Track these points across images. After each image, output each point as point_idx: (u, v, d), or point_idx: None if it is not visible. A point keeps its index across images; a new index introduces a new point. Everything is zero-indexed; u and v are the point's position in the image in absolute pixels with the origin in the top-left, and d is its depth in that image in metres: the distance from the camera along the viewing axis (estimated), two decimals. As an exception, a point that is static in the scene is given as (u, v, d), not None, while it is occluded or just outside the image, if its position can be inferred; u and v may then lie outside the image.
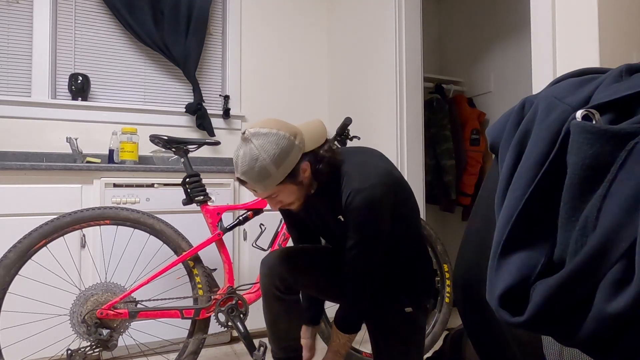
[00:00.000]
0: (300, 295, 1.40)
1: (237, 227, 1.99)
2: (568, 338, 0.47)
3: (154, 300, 1.60)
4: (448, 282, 1.92)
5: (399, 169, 2.21)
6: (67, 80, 2.35)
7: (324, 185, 1.22)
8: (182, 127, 2.60)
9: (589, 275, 0.44)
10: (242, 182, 1.16)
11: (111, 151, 2.28)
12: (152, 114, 2.52)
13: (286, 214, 1.49)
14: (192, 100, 2.59)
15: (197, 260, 1.63)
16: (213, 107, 2.71)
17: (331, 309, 1.96)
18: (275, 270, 1.28)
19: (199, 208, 1.66)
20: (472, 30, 3.05)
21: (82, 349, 1.45)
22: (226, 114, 2.67)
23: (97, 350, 1.47)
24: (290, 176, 1.14)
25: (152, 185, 1.94)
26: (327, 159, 1.19)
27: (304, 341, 1.48)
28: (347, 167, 1.21)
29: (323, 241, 1.72)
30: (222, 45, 2.79)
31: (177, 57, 2.51)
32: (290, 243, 2.13)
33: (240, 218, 1.67)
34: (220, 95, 2.75)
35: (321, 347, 1.77)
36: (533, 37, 1.46)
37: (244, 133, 1.13)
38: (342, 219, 1.24)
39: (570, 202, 0.48)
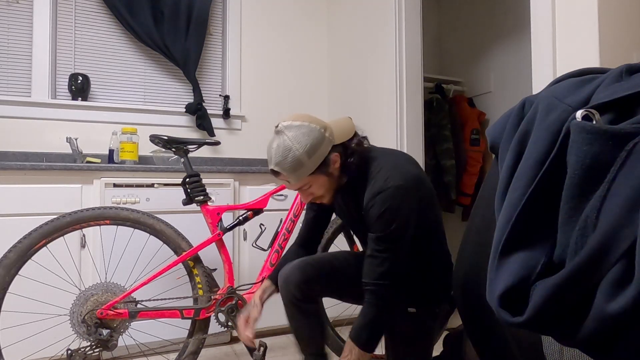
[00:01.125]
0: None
1: (237, 227, 1.99)
2: (568, 338, 0.47)
3: (154, 300, 1.60)
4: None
5: (399, 169, 2.21)
6: (67, 80, 2.35)
7: (353, 179, 1.24)
8: (182, 127, 2.60)
9: (589, 275, 0.44)
10: (275, 174, 1.20)
11: (111, 151, 2.28)
12: (152, 114, 2.52)
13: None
14: (192, 100, 2.59)
15: (197, 260, 1.63)
16: (213, 107, 2.71)
17: (332, 308, 1.96)
18: (293, 280, 1.30)
19: (199, 208, 1.66)
20: (472, 30, 3.05)
21: (82, 349, 1.45)
22: (226, 114, 2.67)
23: (97, 350, 1.47)
24: (321, 167, 1.17)
25: (152, 185, 1.94)
26: (358, 152, 1.22)
27: (257, 298, 1.42)
28: (377, 165, 1.21)
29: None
30: (222, 45, 2.79)
31: (177, 57, 2.51)
32: (290, 243, 2.13)
33: (240, 218, 1.67)
34: (220, 95, 2.76)
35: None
36: (533, 37, 1.46)
37: (277, 126, 1.18)
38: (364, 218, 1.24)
39: (570, 202, 0.48)
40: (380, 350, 1.29)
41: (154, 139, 1.64)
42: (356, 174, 1.23)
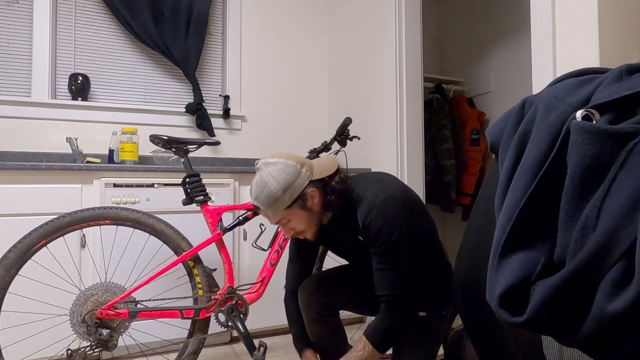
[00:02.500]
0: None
1: (237, 227, 1.99)
2: (568, 338, 0.47)
3: (154, 300, 1.60)
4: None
5: (399, 169, 2.21)
6: (67, 80, 2.35)
7: (342, 212, 1.27)
8: (182, 127, 2.60)
9: (589, 276, 0.44)
10: (256, 208, 1.25)
11: (111, 151, 2.28)
12: (152, 114, 2.52)
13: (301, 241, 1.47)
14: (192, 100, 2.59)
15: (197, 260, 1.63)
16: (213, 107, 2.71)
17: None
18: (313, 297, 1.37)
19: (199, 208, 1.66)
20: (472, 30, 3.05)
21: (82, 349, 1.44)
22: (226, 114, 2.67)
23: (97, 350, 1.47)
24: (297, 201, 1.20)
25: (152, 185, 1.94)
26: (339, 190, 1.24)
27: None
28: (359, 190, 1.25)
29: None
30: (222, 45, 2.79)
31: (177, 57, 2.51)
32: (290, 243, 2.13)
33: (240, 218, 1.67)
34: (220, 95, 2.76)
35: None
36: (533, 37, 1.46)
37: (256, 164, 1.24)
38: (362, 239, 1.27)
39: (570, 202, 0.48)
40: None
41: (154, 139, 1.64)
42: (338, 211, 1.26)
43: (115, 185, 1.87)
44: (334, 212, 1.26)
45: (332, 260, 1.88)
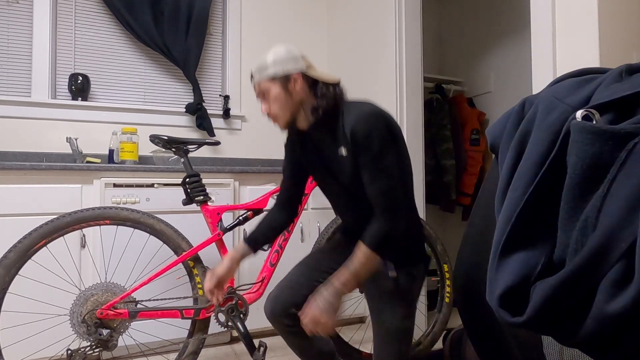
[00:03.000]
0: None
1: (237, 227, 1.98)
2: (568, 338, 0.47)
3: (154, 300, 1.60)
4: (448, 282, 1.92)
5: (399, 169, 2.21)
6: (67, 80, 2.35)
7: (322, 121, 1.27)
8: (182, 127, 2.60)
9: (589, 276, 0.44)
10: (251, 77, 1.32)
11: (111, 151, 2.28)
12: (152, 114, 2.52)
13: (286, 150, 1.47)
14: (192, 100, 2.59)
15: (197, 260, 1.63)
16: (213, 107, 2.71)
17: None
18: (277, 311, 1.33)
19: (199, 208, 1.66)
20: (472, 30, 3.05)
21: (82, 349, 1.45)
22: (226, 114, 2.67)
23: (97, 350, 1.47)
24: (282, 78, 1.25)
25: (152, 185, 1.94)
26: (329, 97, 1.26)
27: (229, 256, 1.43)
28: (348, 103, 1.27)
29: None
30: (222, 45, 2.79)
31: (177, 57, 2.51)
32: (289, 243, 2.13)
33: (240, 218, 1.67)
34: (220, 95, 2.76)
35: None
36: (533, 37, 1.46)
37: None
38: (344, 154, 1.24)
39: (570, 202, 0.48)
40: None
41: (154, 139, 1.64)
42: (323, 116, 1.26)
43: (115, 185, 1.87)
44: (317, 116, 1.26)
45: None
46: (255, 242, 1.44)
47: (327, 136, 1.29)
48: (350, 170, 1.24)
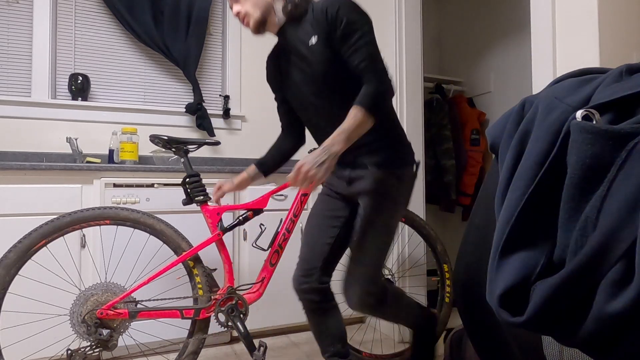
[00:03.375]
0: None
1: (237, 227, 1.98)
2: (568, 338, 0.47)
3: (154, 300, 1.60)
4: (448, 282, 1.92)
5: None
6: (67, 80, 2.35)
7: (293, 17, 1.29)
8: (182, 127, 2.60)
9: (589, 276, 0.44)
10: None
11: (111, 151, 2.28)
12: (152, 114, 2.52)
13: (268, 76, 1.52)
14: (192, 100, 2.59)
15: (197, 260, 1.63)
16: (213, 107, 2.71)
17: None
18: (305, 288, 1.41)
19: (199, 208, 1.66)
20: (472, 30, 3.05)
21: (82, 349, 1.45)
22: (226, 114, 2.67)
23: (97, 350, 1.47)
24: None
25: (152, 185, 1.94)
26: (302, 3, 1.28)
27: (239, 176, 1.54)
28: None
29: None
30: (222, 45, 2.79)
31: (177, 57, 2.51)
32: (289, 243, 2.13)
33: (240, 218, 1.67)
34: (220, 95, 2.76)
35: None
36: (533, 37, 1.46)
37: None
38: (315, 41, 1.25)
39: (570, 202, 0.48)
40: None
41: (154, 139, 1.64)
42: (294, 15, 1.28)
43: (115, 185, 1.87)
44: (290, 12, 1.28)
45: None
46: (265, 166, 1.52)
47: (298, 31, 1.30)
48: (323, 58, 1.24)
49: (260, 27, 1.32)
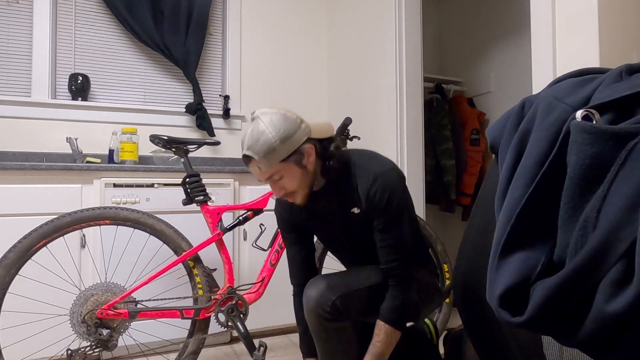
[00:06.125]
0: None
1: (237, 227, 1.98)
2: (568, 338, 0.47)
3: (154, 300, 1.60)
4: (448, 282, 1.92)
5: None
6: (67, 80, 2.35)
7: (333, 181, 1.23)
8: (182, 127, 2.60)
9: (589, 276, 0.44)
10: (247, 160, 1.14)
11: (111, 151, 2.28)
12: (152, 114, 2.52)
13: (283, 217, 1.38)
14: (192, 100, 2.59)
15: (197, 260, 1.63)
16: (213, 107, 2.71)
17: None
18: (323, 299, 1.18)
19: (199, 208, 1.66)
20: (472, 30, 3.05)
21: (82, 349, 1.45)
22: (226, 114, 2.67)
23: (97, 350, 1.47)
24: (294, 155, 1.13)
25: (152, 185, 1.94)
26: (337, 156, 1.20)
27: None
28: (356, 159, 1.23)
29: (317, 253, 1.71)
30: (222, 45, 2.79)
31: (177, 57, 2.51)
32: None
33: (240, 218, 1.67)
34: (220, 95, 2.75)
35: None
36: (533, 37, 1.46)
37: (253, 113, 1.16)
38: (357, 211, 1.22)
39: (570, 202, 0.48)
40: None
41: (154, 139, 1.64)
42: (335, 177, 1.22)
43: (115, 185, 1.87)
44: (329, 178, 1.21)
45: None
46: (314, 353, 1.30)
47: (338, 196, 1.24)
48: (364, 227, 1.22)
49: (308, 198, 1.22)
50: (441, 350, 1.33)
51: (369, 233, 1.22)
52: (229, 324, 1.59)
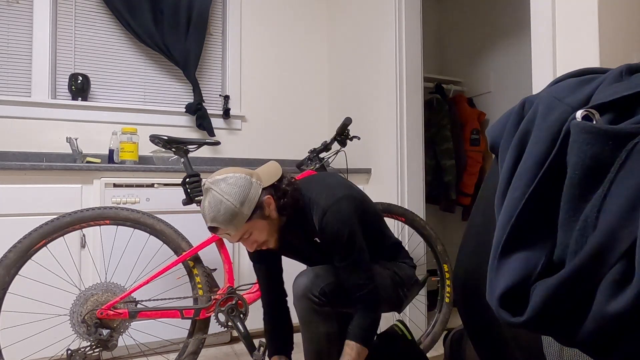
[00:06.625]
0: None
1: (237, 227, 1.99)
2: (568, 338, 0.47)
3: (154, 300, 1.60)
4: (448, 282, 1.92)
5: (399, 169, 2.20)
6: (67, 80, 2.35)
7: (293, 216, 1.28)
8: (182, 127, 2.60)
9: (589, 276, 0.44)
10: (214, 230, 1.21)
11: (111, 151, 2.28)
12: (152, 114, 2.52)
13: (254, 254, 1.44)
14: (192, 100, 2.59)
15: (197, 260, 1.63)
16: (213, 107, 2.71)
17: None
18: (313, 285, 1.27)
19: (198, 208, 1.66)
20: (472, 30, 3.05)
21: (82, 349, 1.44)
22: (226, 114, 2.67)
23: (97, 350, 1.47)
24: (256, 211, 1.20)
25: (152, 185, 1.94)
26: (290, 192, 1.26)
27: None
28: (309, 194, 1.28)
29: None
30: (222, 45, 2.79)
31: (177, 57, 2.51)
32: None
33: (240, 218, 1.66)
34: (220, 95, 2.75)
35: None
36: (533, 37, 1.46)
37: (203, 185, 1.20)
38: (319, 240, 1.29)
39: (570, 202, 0.48)
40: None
41: (154, 139, 1.64)
42: (294, 212, 1.27)
43: (115, 185, 1.87)
44: (288, 214, 1.27)
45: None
46: (284, 350, 1.44)
47: (300, 231, 1.32)
48: (326, 252, 1.28)
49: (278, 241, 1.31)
50: (441, 350, 1.33)
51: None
52: (229, 324, 1.59)
